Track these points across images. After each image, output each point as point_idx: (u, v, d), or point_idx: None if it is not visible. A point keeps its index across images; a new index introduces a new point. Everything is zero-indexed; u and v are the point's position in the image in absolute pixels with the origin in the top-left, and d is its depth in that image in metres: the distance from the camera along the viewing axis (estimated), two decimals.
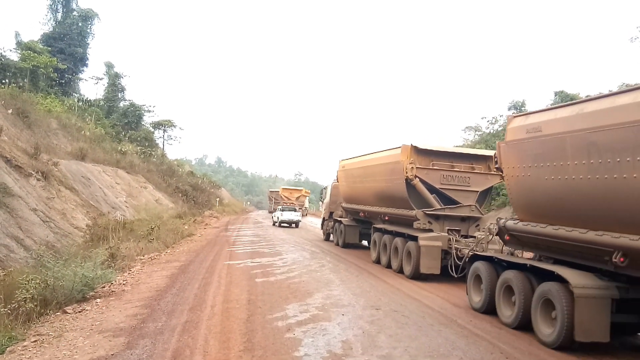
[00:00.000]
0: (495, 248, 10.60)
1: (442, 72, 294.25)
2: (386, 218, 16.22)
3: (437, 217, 13.92)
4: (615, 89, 35.97)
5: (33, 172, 17.73)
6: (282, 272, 13.63)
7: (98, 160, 29.45)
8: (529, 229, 8.73)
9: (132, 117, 47.63)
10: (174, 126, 56.99)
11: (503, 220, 9.66)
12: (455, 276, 12.10)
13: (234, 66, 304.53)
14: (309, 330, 7.83)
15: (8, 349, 7.16)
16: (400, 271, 14.16)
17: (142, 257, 15.69)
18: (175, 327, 7.86)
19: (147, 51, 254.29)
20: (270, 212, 54.91)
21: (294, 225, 36.19)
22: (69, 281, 9.64)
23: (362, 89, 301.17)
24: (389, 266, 15.15)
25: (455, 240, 13.00)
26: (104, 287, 10.91)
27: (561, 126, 7.87)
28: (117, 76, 49.18)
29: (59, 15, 45.18)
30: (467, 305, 10.17)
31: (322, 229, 26.18)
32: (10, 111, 23.85)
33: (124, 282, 11.76)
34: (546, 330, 7.77)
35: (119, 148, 37.58)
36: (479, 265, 10.05)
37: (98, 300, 9.91)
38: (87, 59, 46.63)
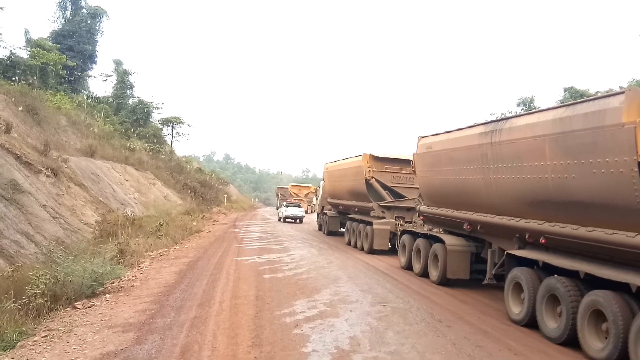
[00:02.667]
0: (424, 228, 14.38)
1: (452, 67, 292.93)
2: (356, 209, 20.73)
3: (388, 208, 18.50)
4: (625, 85, 35.81)
5: (43, 169, 17.84)
6: (290, 269, 13.65)
7: (107, 157, 29.57)
8: (429, 211, 13.14)
9: (140, 114, 47.68)
10: (183, 123, 57.04)
11: (419, 206, 14.05)
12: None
13: (242, 63, 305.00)
14: (316, 326, 7.84)
15: (19, 343, 7.22)
16: (362, 249, 18.77)
17: (151, 253, 15.76)
18: (184, 323, 7.90)
19: (156, 48, 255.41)
20: (278, 208, 54.98)
21: (298, 220, 36.68)
22: (79, 277, 9.70)
23: (370, 84, 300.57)
24: (355, 246, 19.79)
25: (401, 225, 17.11)
26: (113, 282, 10.97)
27: (440, 146, 12.16)
28: (125, 73, 49.24)
29: (68, 13, 45.29)
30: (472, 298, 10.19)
31: (317, 221, 30.56)
32: (20, 108, 23.98)
33: (133, 278, 11.82)
34: (434, 273, 12.22)
35: (128, 145, 37.65)
36: (404, 237, 14.65)
37: (107, 295, 9.97)
38: (96, 56, 46.70)
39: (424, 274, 12.73)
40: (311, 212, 50.81)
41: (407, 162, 18.05)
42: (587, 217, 7.33)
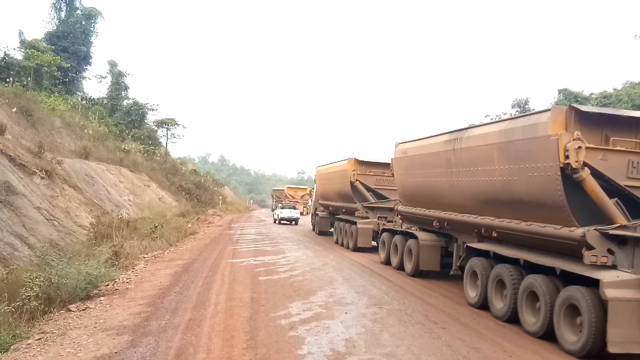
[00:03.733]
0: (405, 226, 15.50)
1: (448, 69, 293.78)
2: (343, 210, 22.15)
3: (372, 208, 19.55)
4: (619, 87, 35.81)
5: (37, 171, 17.77)
6: (285, 270, 13.64)
7: (101, 159, 29.48)
8: (405, 210, 14.55)
9: (135, 116, 47.54)
10: (177, 124, 56.73)
11: (397, 206, 15.52)
12: None
13: (237, 65, 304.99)
14: (312, 328, 7.83)
15: (12, 346, 7.18)
16: (348, 247, 20.01)
17: (145, 256, 15.71)
18: (178, 325, 7.88)
19: (151, 50, 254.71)
20: (274, 210, 54.86)
21: (293, 222, 36.71)
22: (73, 279, 9.65)
23: (366, 86, 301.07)
24: (342, 244, 21.05)
25: (383, 224, 18.17)
26: (107, 285, 10.92)
27: (413, 151, 13.48)
28: (120, 75, 49.11)
29: (63, 14, 45.15)
30: (463, 299, 10.22)
31: (311, 222, 31.68)
32: (14, 110, 23.88)
33: (128, 280, 11.78)
34: (409, 265, 13.54)
35: (123, 146, 37.53)
36: (384, 235, 16.01)
37: (102, 298, 9.93)
38: (91, 57, 46.62)
39: (400, 267, 14.18)
40: (307, 213, 50.73)
41: (389, 166, 19.04)
42: (527, 213, 8.60)
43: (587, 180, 7.48)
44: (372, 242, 19.13)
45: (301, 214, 43.09)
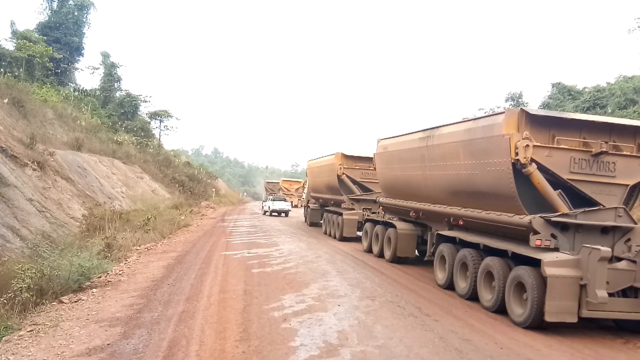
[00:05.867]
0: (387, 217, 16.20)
1: (443, 63, 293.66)
2: (332, 202, 23.10)
3: (357, 200, 20.45)
4: (612, 81, 35.88)
5: (29, 162, 17.65)
6: (278, 263, 13.64)
7: (94, 151, 29.30)
8: (386, 202, 15.54)
9: (128, 107, 47.24)
10: (171, 116, 56.35)
11: (379, 198, 16.61)
12: None
13: (230, 57, 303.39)
14: (305, 320, 7.85)
15: (4, 338, 7.16)
16: (335, 236, 21.02)
17: (138, 248, 15.67)
18: (171, 317, 7.87)
19: (144, 41, 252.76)
20: (264, 201, 54.84)
21: (283, 214, 36.95)
22: (65, 271, 9.62)
23: (361, 78, 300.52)
24: (329, 234, 22.10)
25: (367, 215, 18.78)
26: (100, 277, 10.90)
27: (393, 147, 14.47)
28: (113, 66, 48.67)
29: (55, 4, 44.60)
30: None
31: (304, 214, 32.47)
32: (6, 101, 23.64)
33: (120, 272, 11.75)
34: (388, 252, 14.51)
35: (115, 138, 37.30)
36: (366, 225, 17.16)
37: (94, 290, 9.91)
38: (83, 48, 46.12)
39: (381, 254, 15.12)
40: (301, 206, 50.80)
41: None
42: (486, 203, 9.63)
43: (534, 174, 8.48)
44: (357, 232, 19.62)
45: (295, 206, 43.18)
